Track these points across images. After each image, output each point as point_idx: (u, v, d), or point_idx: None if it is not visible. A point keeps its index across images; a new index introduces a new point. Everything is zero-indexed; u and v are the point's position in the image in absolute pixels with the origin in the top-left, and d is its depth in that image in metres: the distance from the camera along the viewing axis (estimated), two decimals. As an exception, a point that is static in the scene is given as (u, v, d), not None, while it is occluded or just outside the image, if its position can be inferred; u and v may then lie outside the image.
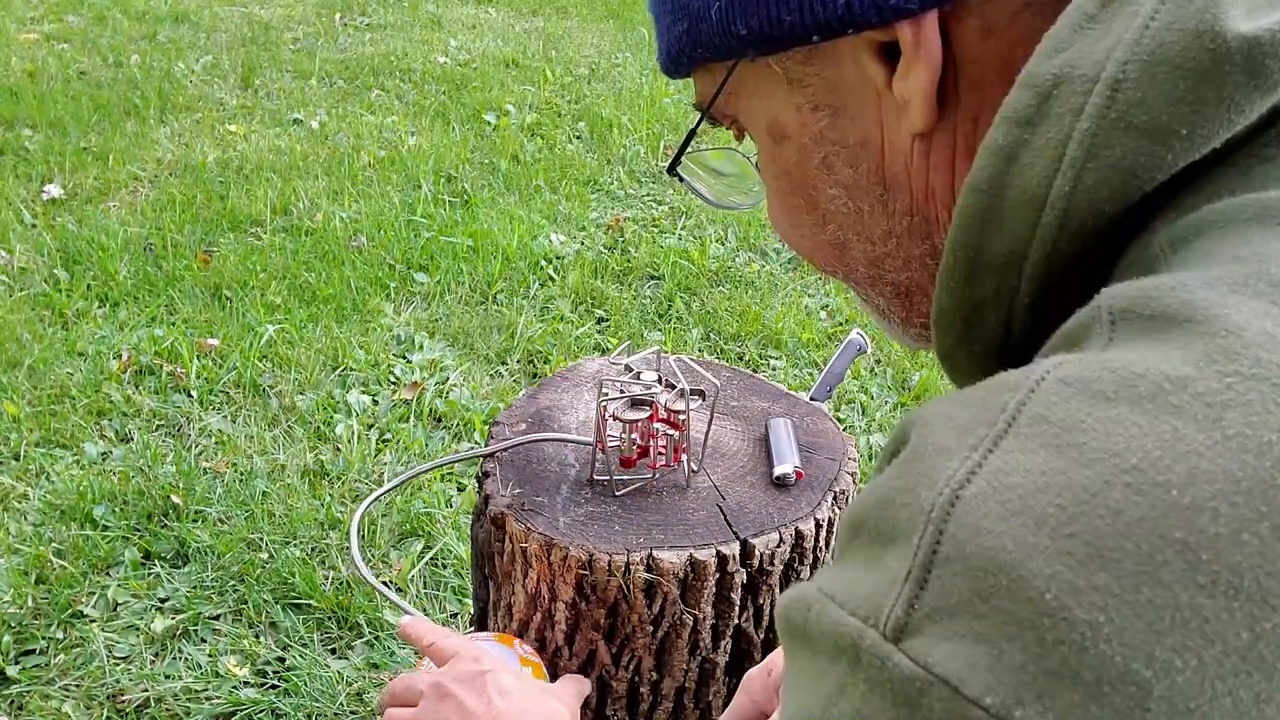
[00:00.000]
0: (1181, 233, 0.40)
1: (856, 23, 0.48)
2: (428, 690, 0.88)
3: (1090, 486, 0.32)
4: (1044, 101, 0.42)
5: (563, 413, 1.20)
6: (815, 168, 0.55)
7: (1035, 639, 0.31)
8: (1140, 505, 0.32)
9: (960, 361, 0.49)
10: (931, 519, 0.35)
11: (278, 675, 1.77)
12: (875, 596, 0.36)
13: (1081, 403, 0.35)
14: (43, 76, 4.41)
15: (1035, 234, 0.42)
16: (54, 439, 2.31)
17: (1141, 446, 0.33)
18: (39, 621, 1.85)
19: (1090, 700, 0.31)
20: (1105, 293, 0.39)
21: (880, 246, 0.56)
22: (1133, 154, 0.40)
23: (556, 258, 3.18)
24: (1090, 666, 0.31)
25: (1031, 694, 0.31)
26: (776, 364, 2.73)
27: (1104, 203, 0.41)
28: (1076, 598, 0.31)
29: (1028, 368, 0.38)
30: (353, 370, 2.60)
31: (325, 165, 3.73)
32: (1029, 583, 0.32)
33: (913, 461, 0.37)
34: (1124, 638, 0.31)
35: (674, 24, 0.55)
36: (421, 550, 2.03)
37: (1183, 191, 0.41)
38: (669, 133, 4.13)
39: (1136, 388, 0.34)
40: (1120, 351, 0.36)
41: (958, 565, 0.33)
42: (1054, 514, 0.32)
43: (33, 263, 2.99)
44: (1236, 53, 0.39)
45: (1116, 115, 0.40)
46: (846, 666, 0.36)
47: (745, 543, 1.02)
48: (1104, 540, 0.32)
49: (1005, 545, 0.33)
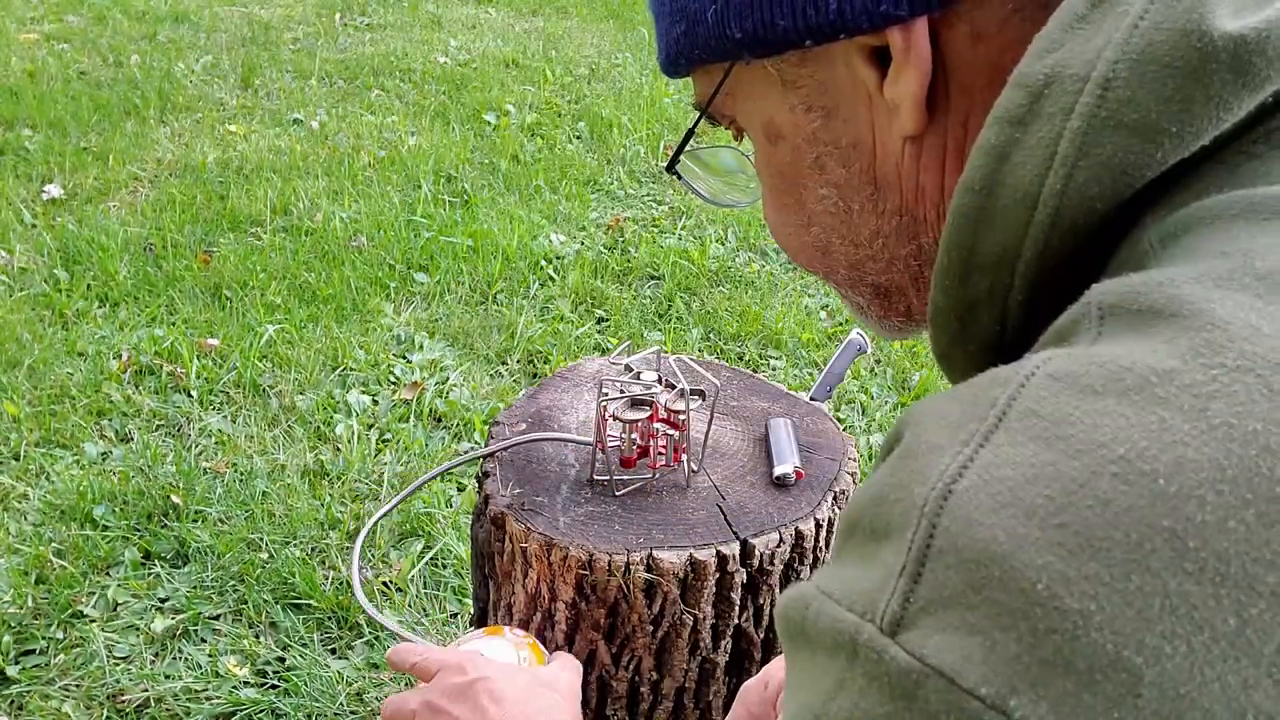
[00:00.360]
0: (1170, 229, 0.40)
1: (848, 28, 0.49)
2: (419, 709, 0.87)
3: (1078, 477, 0.33)
4: (1035, 101, 0.42)
5: (563, 413, 1.20)
6: (808, 167, 0.56)
7: (1028, 629, 0.32)
8: (1128, 494, 0.32)
9: (956, 360, 0.50)
10: (925, 513, 0.35)
11: (278, 675, 1.77)
12: (871, 592, 0.36)
13: (1070, 396, 0.35)
14: (43, 76, 4.41)
15: (1028, 232, 0.43)
16: (54, 439, 2.31)
17: (1129, 437, 0.33)
18: (39, 621, 1.85)
19: (1083, 688, 0.31)
20: (1094, 289, 0.40)
21: (865, 249, 0.57)
22: (1123, 152, 0.40)
23: (556, 258, 3.18)
24: (1082, 654, 0.31)
25: (1025, 683, 0.32)
26: (776, 364, 2.73)
27: (1095, 200, 0.41)
28: (1067, 587, 0.32)
29: (1018, 363, 0.38)
30: (353, 370, 2.60)
31: (325, 165, 3.73)
32: (1020, 573, 0.32)
33: (906, 459, 0.38)
34: (1114, 625, 0.31)
35: (672, 26, 0.56)
36: (421, 550, 2.03)
37: (1172, 189, 0.42)
38: (669, 133, 4.13)
39: (1124, 380, 0.35)
40: (1108, 346, 0.37)
41: (950, 558, 0.34)
42: (1043, 505, 0.33)
43: (33, 263, 2.99)
44: (1223, 51, 0.39)
45: (1107, 114, 0.40)
46: (845, 661, 0.36)
47: (745, 543, 1.02)
48: (1093, 530, 0.32)
49: (996, 537, 0.33)
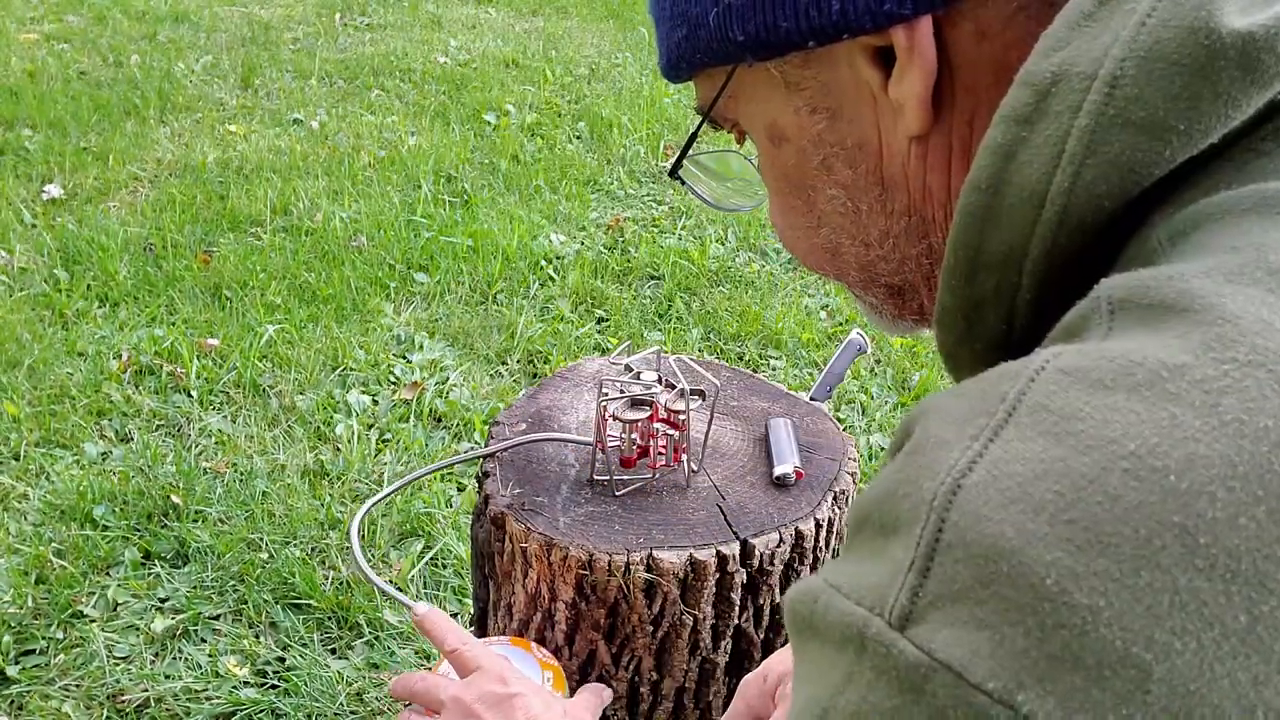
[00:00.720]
0: (1180, 226, 0.40)
1: (851, 28, 0.49)
2: (450, 704, 0.85)
3: (1088, 473, 0.33)
4: (1042, 99, 0.42)
5: (563, 413, 1.20)
6: (814, 169, 0.56)
7: (1036, 624, 0.32)
8: (1138, 491, 0.32)
9: (963, 359, 0.49)
10: (934, 508, 0.35)
11: (278, 675, 1.77)
12: (880, 586, 0.36)
13: (1080, 391, 0.35)
14: (43, 76, 4.41)
15: (1035, 230, 0.43)
16: (54, 439, 2.31)
17: (1139, 433, 0.33)
18: (39, 621, 1.85)
19: (1092, 683, 0.31)
20: (1104, 284, 0.40)
21: (875, 249, 0.57)
22: (1131, 150, 0.40)
23: (556, 258, 3.18)
24: (1091, 650, 0.31)
25: (1033, 678, 0.32)
26: (776, 364, 2.73)
27: (1103, 198, 0.41)
28: (1076, 582, 0.31)
29: (1027, 358, 0.38)
30: (353, 370, 2.60)
31: (325, 165, 3.73)
32: (1029, 568, 0.32)
33: (915, 454, 0.38)
34: (1124, 621, 0.31)
35: (673, 30, 0.56)
36: (421, 550, 2.03)
37: (1180, 186, 0.42)
38: (669, 133, 4.13)
39: (1134, 375, 0.34)
40: (1119, 341, 0.37)
41: (959, 553, 0.34)
42: (1053, 500, 0.33)
43: (33, 263, 3.00)
44: (1231, 48, 0.39)
45: (1115, 112, 0.40)
46: (853, 655, 0.36)
47: (745, 543, 1.02)
48: (1102, 525, 0.32)
49: (1005, 532, 0.33)
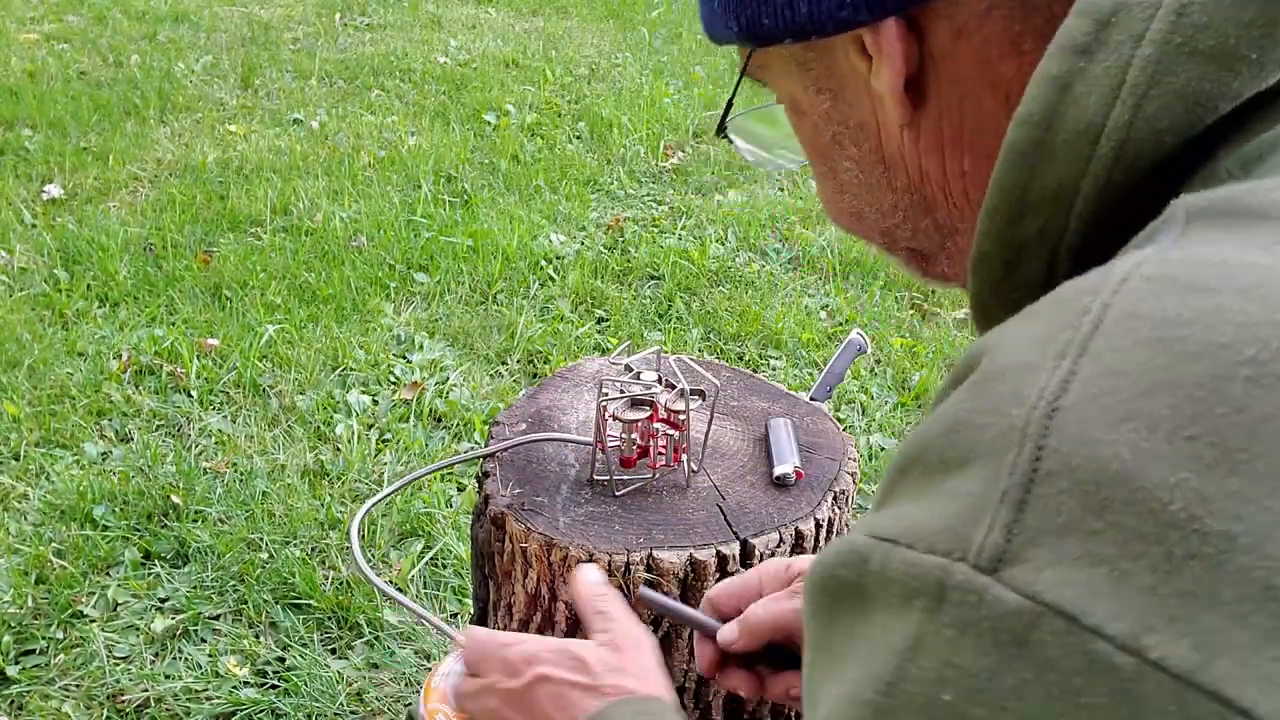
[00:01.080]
0: (1251, 153, 0.38)
1: (819, 30, 0.50)
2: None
3: (1205, 383, 0.29)
4: (1102, 29, 0.40)
5: (563, 413, 1.20)
6: (828, 142, 0.58)
7: (1163, 555, 0.28)
8: (1265, 400, 0.29)
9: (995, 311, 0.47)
10: (1028, 434, 0.31)
11: (278, 675, 1.77)
12: (956, 528, 0.32)
13: (1175, 296, 0.32)
14: (43, 76, 4.41)
15: (1089, 168, 0.40)
16: (54, 439, 2.31)
17: (1256, 336, 0.30)
18: (39, 621, 1.85)
19: (1232, 623, 0.28)
20: (1178, 201, 0.37)
21: (890, 218, 0.58)
22: (1198, 81, 0.38)
23: (556, 258, 3.18)
24: (1230, 583, 0.28)
25: (1162, 618, 0.28)
26: (776, 364, 2.73)
27: (1165, 133, 0.39)
28: (1207, 506, 0.28)
29: (1103, 269, 0.34)
30: (353, 370, 2.60)
31: (325, 165, 3.73)
32: (1150, 493, 0.29)
33: (987, 382, 0.34)
34: (1264, 549, 0.28)
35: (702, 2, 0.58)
36: (421, 550, 2.03)
37: (1246, 122, 0.39)
38: (669, 133, 4.13)
39: (1237, 279, 0.31)
40: (1205, 247, 0.34)
41: (1064, 481, 0.30)
42: (1169, 416, 0.29)
43: (33, 263, 2.99)
44: None
45: (1181, 40, 0.38)
46: (922, 615, 0.32)
47: (745, 543, 1.02)
48: (1230, 441, 0.29)
49: (1119, 454, 0.29)
